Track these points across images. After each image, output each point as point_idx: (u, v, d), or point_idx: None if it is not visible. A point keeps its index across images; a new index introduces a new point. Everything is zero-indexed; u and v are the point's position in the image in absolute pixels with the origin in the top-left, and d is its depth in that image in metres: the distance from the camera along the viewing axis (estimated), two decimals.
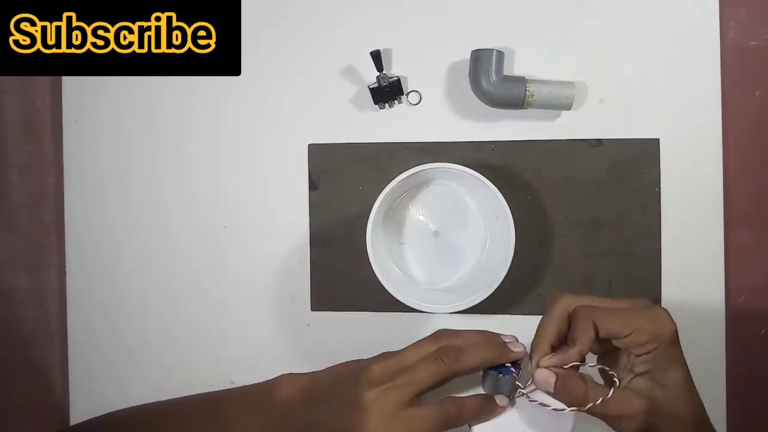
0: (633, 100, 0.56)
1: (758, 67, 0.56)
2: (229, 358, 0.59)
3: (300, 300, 0.58)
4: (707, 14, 0.55)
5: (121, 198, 0.59)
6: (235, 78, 0.56)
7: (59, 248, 0.60)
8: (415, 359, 0.39)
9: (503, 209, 0.50)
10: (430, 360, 0.39)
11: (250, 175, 0.59)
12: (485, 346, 0.40)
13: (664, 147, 0.55)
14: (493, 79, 0.53)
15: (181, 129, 0.59)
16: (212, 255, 0.59)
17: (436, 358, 0.38)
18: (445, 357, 0.39)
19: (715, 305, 0.55)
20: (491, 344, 0.40)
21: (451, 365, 0.38)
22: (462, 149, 0.57)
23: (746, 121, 0.56)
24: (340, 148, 0.58)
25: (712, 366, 0.55)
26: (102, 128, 0.60)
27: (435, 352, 0.39)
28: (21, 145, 0.60)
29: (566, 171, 0.56)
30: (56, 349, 0.60)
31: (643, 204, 0.55)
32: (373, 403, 0.37)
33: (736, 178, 0.55)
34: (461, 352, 0.39)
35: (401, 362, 0.39)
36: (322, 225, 0.58)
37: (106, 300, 0.59)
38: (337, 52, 0.58)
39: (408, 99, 0.57)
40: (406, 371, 0.38)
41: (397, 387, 0.38)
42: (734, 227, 0.55)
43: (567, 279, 0.56)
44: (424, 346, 0.40)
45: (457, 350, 0.39)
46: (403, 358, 0.39)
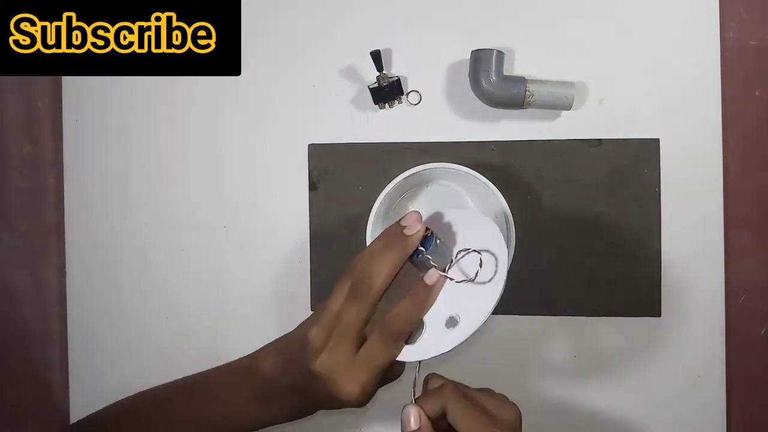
0: (633, 100, 0.56)
1: (758, 67, 0.56)
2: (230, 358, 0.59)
3: (300, 300, 0.58)
4: (707, 14, 0.55)
5: (121, 198, 0.59)
6: (235, 78, 0.56)
7: (59, 248, 0.60)
8: (338, 305, 0.40)
9: (503, 209, 0.50)
10: (350, 300, 0.39)
11: (250, 175, 0.59)
12: (387, 254, 0.40)
13: (664, 147, 0.55)
14: (493, 79, 0.53)
15: (181, 129, 0.59)
16: (212, 255, 0.59)
17: (355, 296, 0.39)
18: (359, 292, 0.39)
19: (715, 305, 0.55)
20: (391, 247, 0.40)
21: (368, 295, 0.39)
22: (462, 149, 0.57)
23: (746, 121, 0.56)
24: (340, 148, 0.58)
25: (712, 366, 0.55)
26: (102, 128, 0.60)
27: (350, 289, 0.40)
28: (21, 145, 0.60)
29: (566, 171, 0.56)
30: (56, 348, 0.60)
31: (643, 204, 0.55)
32: (326, 370, 0.39)
33: (737, 178, 0.55)
34: (371, 277, 0.39)
35: (329, 314, 0.40)
36: (322, 225, 0.58)
37: (106, 300, 0.59)
38: (337, 52, 0.58)
39: (408, 99, 0.57)
40: (336, 324, 0.39)
41: (336, 345, 0.39)
42: (734, 227, 0.55)
43: (567, 279, 0.56)
44: (342, 287, 0.40)
45: (367, 276, 0.39)
46: (331, 310, 0.40)
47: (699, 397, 0.55)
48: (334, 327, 0.39)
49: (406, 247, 0.40)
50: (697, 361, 0.55)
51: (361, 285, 0.39)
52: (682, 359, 0.55)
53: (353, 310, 0.39)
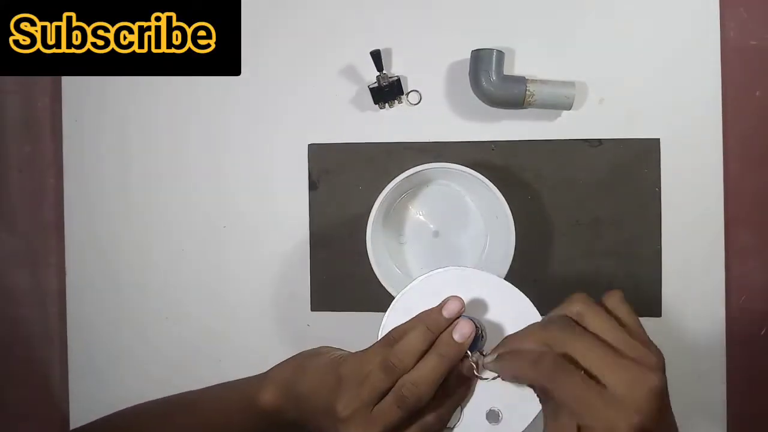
0: (633, 100, 0.56)
1: (759, 67, 0.56)
2: (230, 359, 0.59)
3: (300, 300, 0.58)
4: (708, 14, 0.55)
5: (121, 198, 0.59)
6: (235, 78, 0.56)
7: (59, 248, 0.60)
8: (373, 396, 0.37)
9: (503, 209, 0.50)
10: (393, 406, 0.37)
11: (251, 175, 0.59)
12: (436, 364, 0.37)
13: (665, 147, 0.55)
14: (493, 78, 0.53)
15: (181, 129, 0.59)
16: (212, 255, 0.59)
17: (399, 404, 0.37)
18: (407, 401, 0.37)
19: (716, 305, 0.55)
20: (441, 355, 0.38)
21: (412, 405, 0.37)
22: (462, 149, 0.56)
23: (747, 121, 0.56)
24: (340, 148, 0.58)
25: (712, 366, 0.55)
26: (102, 128, 0.60)
27: (396, 395, 0.37)
28: (21, 145, 0.60)
29: (566, 171, 0.56)
30: (56, 348, 0.60)
31: (643, 204, 0.55)
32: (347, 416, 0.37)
33: (737, 178, 0.55)
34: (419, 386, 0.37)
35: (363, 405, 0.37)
36: (322, 225, 0.58)
37: (105, 300, 0.59)
38: (337, 52, 0.58)
39: (408, 99, 0.57)
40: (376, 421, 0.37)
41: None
42: (734, 227, 0.55)
43: (567, 279, 0.56)
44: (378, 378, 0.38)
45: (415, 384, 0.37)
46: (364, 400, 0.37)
47: (699, 397, 0.55)
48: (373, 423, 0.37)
49: (458, 356, 0.38)
50: (698, 361, 0.55)
51: (408, 394, 0.37)
52: (682, 359, 0.55)
53: (397, 415, 0.37)
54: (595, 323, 0.35)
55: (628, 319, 0.36)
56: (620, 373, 0.33)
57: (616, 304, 0.37)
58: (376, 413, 0.38)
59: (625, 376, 0.32)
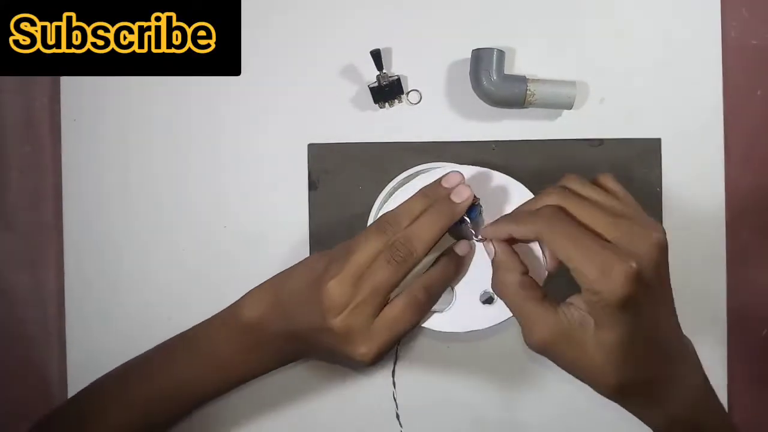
0: (634, 99, 0.56)
1: (760, 66, 0.56)
2: None
3: None
4: (709, 13, 0.55)
5: (121, 198, 0.59)
6: (235, 78, 0.56)
7: (58, 248, 0.60)
8: (366, 260, 0.37)
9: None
10: (383, 262, 0.36)
11: (250, 175, 0.59)
12: (432, 220, 0.37)
13: (666, 147, 0.55)
14: (493, 78, 0.53)
15: (181, 129, 0.59)
16: (212, 255, 0.59)
17: (389, 260, 0.36)
18: (397, 255, 0.36)
19: (717, 306, 0.55)
20: (437, 213, 0.37)
21: (406, 261, 0.36)
22: (462, 149, 0.56)
23: (748, 121, 0.55)
24: (340, 148, 0.57)
25: (714, 367, 0.54)
26: (101, 128, 0.60)
27: (386, 251, 0.37)
28: (19, 145, 0.60)
29: (567, 170, 0.55)
30: (55, 348, 0.60)
31: (644, 204, 0.55)
32: (345, 329, 0.36)
33: (738, 177, 0.55)
34: (411, 240, 0.36)
35: (355, 270, 0.37)
36: (322, 225, 0.58)
37: (105, 300, 0.59)
38: (337, 52, 0.57)
39: (408, 98, 0.57)
40: (363, 282, 0.36)
41: (361, 305, 0.36)
42: (736, 227, 0.55)
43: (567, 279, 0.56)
44: (372, 242, 0.37)
45: (407, 239, 0.36)
46: (356, 263, 0.37)
47: None
48: (360, 284, 0.36)
49: (453, 215, 0.37)
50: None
51: (400, 247, 0.36)
52: None
53: (387, 272, 0.36)
54: (592, 194, 0.36)
55: (623, 195, 0.37)
56: (623, 229, 0.33)
57: (610, 182, 0.38)
58: (366, 274, 0.36)
59: (628, 230, 0.33)
